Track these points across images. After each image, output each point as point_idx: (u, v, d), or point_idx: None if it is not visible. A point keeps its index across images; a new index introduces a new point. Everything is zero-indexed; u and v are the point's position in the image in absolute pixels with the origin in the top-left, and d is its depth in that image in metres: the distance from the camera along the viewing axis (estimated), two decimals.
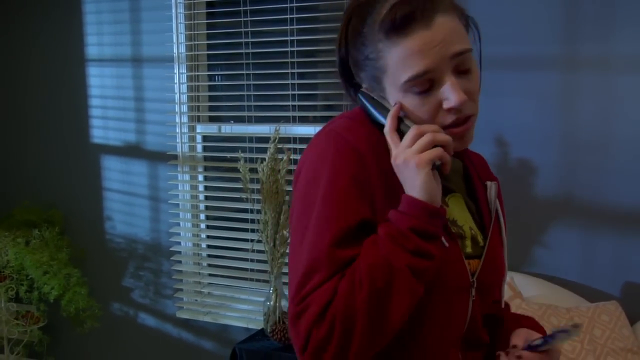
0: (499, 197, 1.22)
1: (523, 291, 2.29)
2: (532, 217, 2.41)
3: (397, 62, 1.00)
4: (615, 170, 2.31)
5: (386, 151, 1.04)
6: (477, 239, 1.12)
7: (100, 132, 3.21)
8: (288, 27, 2.72)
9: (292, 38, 2.72)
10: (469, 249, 1.09)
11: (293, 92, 2.75)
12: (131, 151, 3.15)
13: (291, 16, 2.71)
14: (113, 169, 3.21)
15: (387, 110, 1.04)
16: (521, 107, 2.41)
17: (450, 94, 0.99)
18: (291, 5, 2.70)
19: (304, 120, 2.78)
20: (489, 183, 1.17)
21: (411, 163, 0.97)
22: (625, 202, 2.31)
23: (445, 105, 1.00)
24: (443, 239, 1.01)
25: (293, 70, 2.74)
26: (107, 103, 3.18)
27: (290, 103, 2.77)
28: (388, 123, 1.01)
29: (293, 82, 2.75)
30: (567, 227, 2.39)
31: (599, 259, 2.37)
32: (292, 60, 2.73)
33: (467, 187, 1.18)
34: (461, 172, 1.18)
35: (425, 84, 0.99)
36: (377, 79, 1.05)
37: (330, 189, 1.01)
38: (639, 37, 2.23)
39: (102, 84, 3.18)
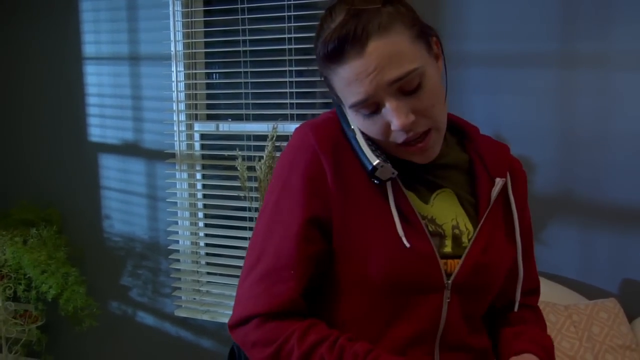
0: (520, 194, 1.19)
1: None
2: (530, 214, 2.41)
3: (340, 88, 1.02)
4: (613, 167, 2.31)
5: (347, 151, 1.06)
6: (461, 239, 1.09)
7: (98, 130, 3.21)
8: (285, 25, 2.71)
9: (289, 36, 2.71)
10: (447, 249, 1.08)
11: (291, 90, 2.75)
12: (129, 149, 3.14)
13: (289, 14, 2.70)
14: (111, 168, 3.20)
15: (348, 125, 1.07)
16: (519, 104, 2.40)
17: (392, 118, 0.99)
18: (288, 2, 2.69)
19: (301, 118, 2.77)
20: (497, 179, 1.12)
21: None
22: (623, 199, 2.31)
23: (392, 127, 1.00)
24: (404, 239, 1.01)
25: (291, 68, 2.74)
26: (105, 101, 3.17)
27: (288, 101, 2.76)
28: None
29: (291, 79, 2.74)
30: (565, 225, 2.39)
31: (598, 257, 2.37)
32: (290, 58, 2.73)
33: (469, 183, 1.16)
34: (465, 166, 1.17)
35: (370, 106, 1.00)
36: (337, 95, 1.06)
37: (284, 185, 1.07)
38: (636, 34, 2.23)
39: (99, 82, 3.17)
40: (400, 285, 1.03)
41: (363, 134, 1.06)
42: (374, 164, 1.01)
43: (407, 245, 1.01)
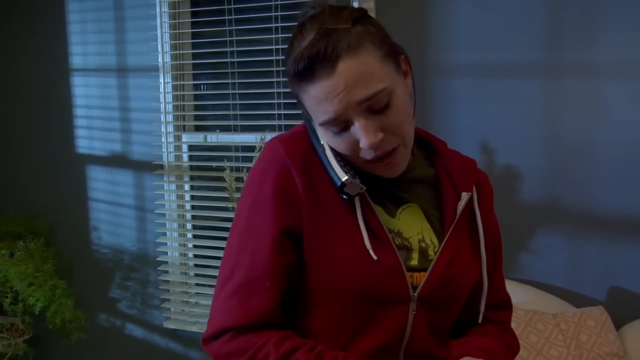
0: (486, 207, 1.21)
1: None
2: (518, 223, 2.42)
3: (310, 106, 1.03)
4: (600, 175, 2.32)
5: (316, 165, 1.08)
6: (427, 252, 1.11)
7: (86, 142, 3.20)
8: (273, 36, 2.72)
9: (277, 47, 2.72)
10: (414, 262, 1.09)
11: (278, 101, 2.75)
12: (117, 161, 3.13)
13: (276, 25, 2.71)
14: (99, 179, 3.19)
15: (317, 140, 1.10)
16: (506, 113, 2.42)
17: (361, 137, 1.01)
18: (276, 14, 2.70)
19: (289, 128, 2.77)
20: (463, 194, 1.14)
21: None
22: (610, 207, 2.32)
23: (360, 145, 1.02)
24: (371, 251, 1.03)
25: (278, 79, 2.74)
26: (93, 113, 3.16)
27: (275, 112, 2.77)
28: None
29: (278, 90, 2.75)
30: (553, 233, 2.40)
31: (585, 265, 2.38)
32: (277, 69, 2.73)
33: (435, 197, 1.17)
34: (432, 181, 1.18)
35: (339, 124, 1.02)
36: (307, 112, 1.08)
37: (255, 198, 1.08)
38: (622, 43, 2.25)
39: (87, 93, 3.17)
40: (368, 297, 1.05)
41: (332, 149, 1.07)
42: (343, 180, 1.03)
43: (375, 257, 1.03)
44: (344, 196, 1.05)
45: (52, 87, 3.23)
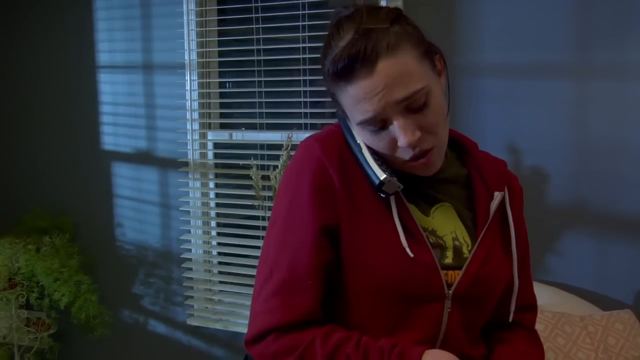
0: (516, 207, 1.22)
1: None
2: (545, 225, 2.40)
3: (347, 105, 1.04)
4: (629, 177, 2.30)
5: (352, 164, 1.09)
6: (462, 250, 1.11)
7: (111, 138, 3.22)
8: (300, 34, 2.72)
9: (303, 45, 2.72)
10: (448, 260, 1.10)
11: (305, 100, 2.75)
12: (142, 158, 3.15)
13: (303, 23, 2.71)
14: (124, 176, 3.21)
15: (353, 139, 1.10)
16: (534, 114, 2.40)
17: (399, 135, 1.01)
18: (303, 12, 2.70)
19: (315, 127, 2.77)
20: (496, 193, 1.15)
21: None
22: (638, 209, 2.30)
23: (398, 144, 1.03)
24: (408, 249, 1.04)
25: (305, 78, 2.74)
26: (118, 110, 3.18)
27: (302, 110, 2.77)
28: None
29: (305, 89, 2.75)
30: (580, 235, 2.38)
31: (613, 267, 2.36)
32: (304, 67, 2.73)
33: (468, 197, 1.18)
34: (464, 181, 1.19)
35: (377, 123, 1.03)
36: (343, 111, 1.09)
37: (293, 197, 1.09)
38: None
39: (113, 90, 3.19)
40: (404, 294, 1.06)
41: (368, 148, 1.08)
42: (382, 178, 1.04)
43: (412, 255, 1.04)
44: (382, 195, 1.06)
45: (79, 83, 3.25)
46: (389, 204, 1.07)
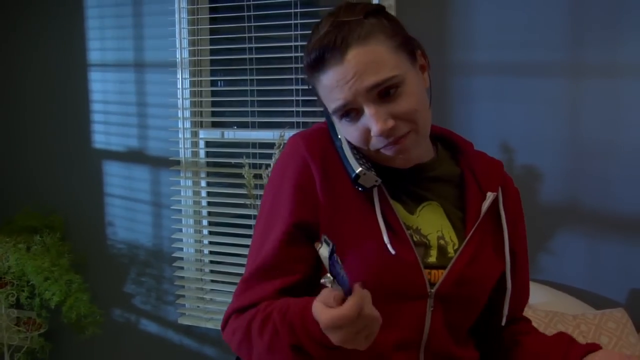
0: (512, 210, 1.21)
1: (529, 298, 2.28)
2: (537, 224, 2.40)
3: (323, 95, 1.06)
4: (621, 176, 2.30)
5: (335, 160, 1.10)
6: (447, 250, 1.11)
7: (102, 137, 3.20)
8: (292, 33, 2.71)
9: (295, 44, 2.71)
10: (432, 259, 1.10)
11: (297, 98, 2.74)
12: (133, 156, 3.13)
13: (295, 22, 2.70)
14: (115, 175, 3.19)
15: (336, 135, 1.11)
16: (527, 113, 2.40)
17: (371, 124, 1.02)
18: (295, 10, 2.69)
19: (307, 125, 2.77)
20: (488, 194, 1.14)
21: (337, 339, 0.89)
22: (631, 208, 2.30)
23: (372, 133, 1.03)
24: (389, 246, 1.04)
25: (297, 76, 2.73)
26: (110, 108, 3.16)
27: (294, 109, 2.76)
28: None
29: (297, 87, 2.74)
30: (573, 234, 2.39)
31: (605, 266, 2.36)
32: (296, 65, 2.73)
33: (459, 197, 1.17)
34: (456, 180, 1.19)
35: (350, 112, 1.04)
36: (322, 103, 1.10)
37: (276, 193, 1.12)
38: None
39: (104, 89, 3.17)
40: (385, 292, 1.05)
41: (349, 143, 1.09)
42: (357, 171, 1.05)
43: (393, 252, 1.04)
44: (359, 188, 1.07)
45: (70, 82, 3.23)
46: (372, 200, 1.08)
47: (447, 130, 1.25)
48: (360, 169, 1.04)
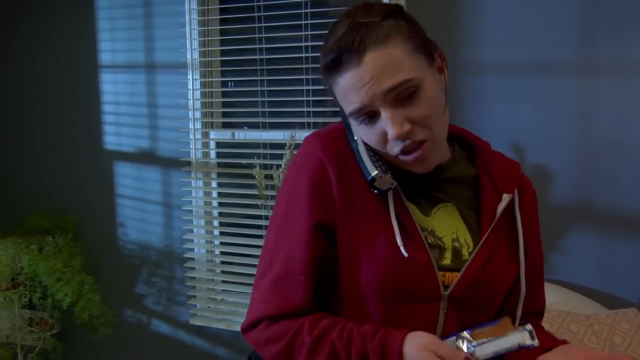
0: (529, 213, 1.20)
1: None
2: (550, 224, 2.39)
3: (339, 97, 1.06)
4: (632, 176, 2.29)
5: (351, 161, 1.10)
6: (461, 252, 1.10)
7: (113, 138, 3.21)
8: (302, 33, 2.71)
9: (306, 44, 2.71)
10: (446, 261, 1.09)
11: (307, 99, 2.74)
12: (144, 157, 3.14)
13: (305, 22, 2.70)
14: (126, 175, 3.20)
15: (352, 135, 1.11)
16: (537, 112, 2.39)
17: (388, 127, 1.01)
18: (305, 11, 2.69)
19: (318, 126, 2.76)
20: (504, 195, 1.13)
21: None
22: None
23: (388, 136, 1.02)
24: (402, 248, 1.03)
25: (307, 76, 2.73)
26: (120, 109, 3.18)
27: (304, 109, 2.76)
28: None
29: (307, 88, 2.74)
30: (585, 234, 2.37)
31: (618, 266, 2.35)
32: (307, 66, 2.73)
33: (474, 199, 1.16)
34: (471, 181, 1.18)
35: (366, 115, 1.03)
36: (340, 105, 1.09)
37: (292, 193, 1.12)
38: None
39: (115, 90, 3.18)
40: (398, 294, 1.06)
41: (365, 144, 1.09)
42: (373, 174, 1.04)
43: (406, 254, 1.03)
44: (375, 191, 1.06)
45: (81, 83, 3.24)
46: (387, 202, 1.07)
47: (465, 130, 1.24)
48: (375, 172, 1.04)
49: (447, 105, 1.08)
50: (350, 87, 1.00)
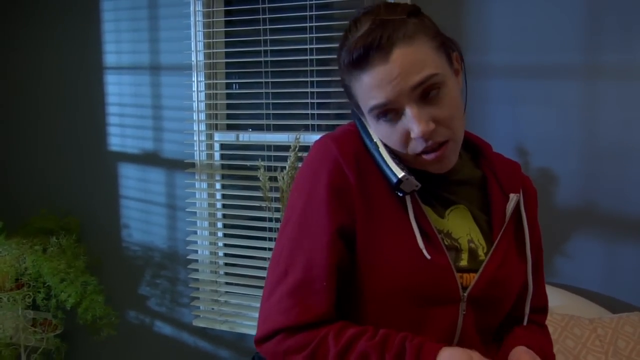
0: (531, 210, 1.21)
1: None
2: (554, 227, 2.39)
3: (361, 93, 1.04)
4: (637, 179, 2.29)
5: (368, 164, 1.08)
6: (477, 253, 1.10)
7: (118, 139, 3.22)
8: (307, 36, 2.71)
9: (310, 46, 2.71)
10: (464, 262, 1.09)
11: (312, 101, 2.75)
12: (148, 159, 3.15)
13: (310, 24, 2.70)
14: (130, 177, 3.21)
15: (369, 137, 1.09)
16: (542, 115, 2.39)
17: (412, 125, 1.01)
18: (310, 13, 2.70)
19: (322, 128, 2.77)
20: (511, 195, 1.14)
21: None
22: None
23: (411, 135, 1.02)
24: (425, 251, 1.03)
25: (312, 79, 2.74)
26: (125, 111, 3.18)
27: (309, 111, 2.76)
28: None
29: (312, 90, 2.74)
30: (589, 237, 2.37)
31: (622, 269, 2.34)
32: (311, 68, 2.73)
33: (482, 199, 1.17)
34: (478, 182, 1.18)
35: (389, 112, 1.02)
36: (357, 105, 1.09)
37: (309, 197, 1.07)
38: None
39: (120, 91, 3.18)
40: (419, 296, 1.05)
41: (385, 146, 1.07)
42: (400, 176, 1.03)
43: (428, 257, 1.03)
44: (399, 193, 1.05)
45: (85, 85, 3.25)
46: (405, 205, 1.06)
47: (467, 131, 1.24)
48: (402, 174, 1.02)
49: (465, 108, 1.09)
50: (376, 84, 1.00)
